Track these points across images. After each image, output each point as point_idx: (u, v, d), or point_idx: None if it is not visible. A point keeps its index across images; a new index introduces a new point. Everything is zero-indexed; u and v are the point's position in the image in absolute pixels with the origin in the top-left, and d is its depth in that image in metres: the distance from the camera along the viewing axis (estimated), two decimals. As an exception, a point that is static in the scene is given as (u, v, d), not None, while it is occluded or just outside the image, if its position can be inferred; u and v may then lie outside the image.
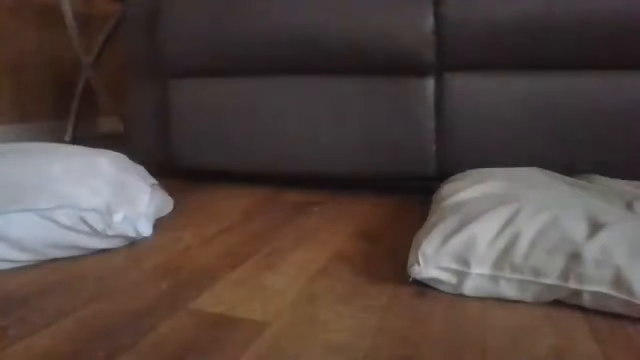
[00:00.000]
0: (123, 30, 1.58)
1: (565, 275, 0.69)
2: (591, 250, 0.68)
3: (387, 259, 0.89)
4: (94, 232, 0.87)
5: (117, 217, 0.89)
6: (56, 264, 0.85)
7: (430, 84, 1.28)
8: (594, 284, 0.67)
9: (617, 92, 1.18)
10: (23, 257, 0.83)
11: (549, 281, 0.69)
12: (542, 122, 1.22)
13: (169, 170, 1.55)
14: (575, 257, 0.69)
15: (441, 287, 0.75)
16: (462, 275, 0.73)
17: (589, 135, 1.20)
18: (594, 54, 1.17)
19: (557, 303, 0.71)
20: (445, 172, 1.27)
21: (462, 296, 0.73)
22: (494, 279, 0.72)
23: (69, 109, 2.46)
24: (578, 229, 0.72)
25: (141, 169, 1.13)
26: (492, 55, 1.21)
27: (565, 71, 1.21)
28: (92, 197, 0.89)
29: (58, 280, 0.78)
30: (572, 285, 0.68)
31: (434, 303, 0.71)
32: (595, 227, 0.72)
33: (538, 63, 1.21)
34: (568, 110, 1.20)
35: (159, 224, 1.06)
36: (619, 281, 0.66)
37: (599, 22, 1.13)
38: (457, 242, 0.74)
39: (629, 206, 0.88)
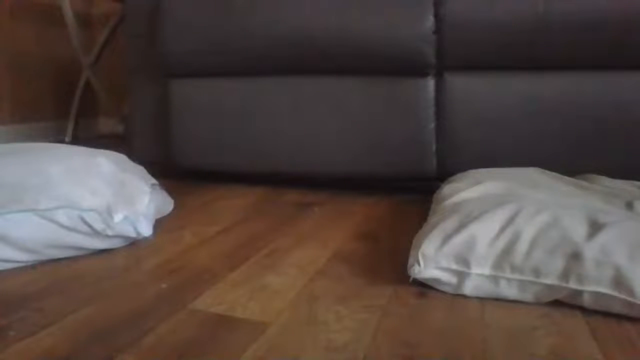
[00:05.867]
0: (123, 30, 1.58)
1: (565, 275, 0.69)
2: (591, 250, 0.68)
3: (387, 259, 0.88)
4: (94, 232, 0.87)
5: (117, 217, 0.89)
6: (56, 264, 0.85)
7: (430, 84, 1.28)
8: (594, 284, 0.67)
9: (617, 92, 1.18)
10: (23, 257, 0.83)
11: (549, 281, 0.69)
12: (542, 122, 1.22)
13: (169, 170, 1.55)
14: (575, 257, 0.69)
15: (441, 287, 0.75)
16: (462, 275, 0.73)
17: (588, 135, 1.20)
18: (594, 54, 1.17)
19: (557, 303, 0.71)
20: (445, 172, 1.27)
21: (462, 296, 0.73)
22: (494, 279, 0.72)
23: (69, 109, 2.46)
24: (578, 229, 0.72)
25: (141, 169, 1.13)
26: (492, 55, 1.21)
27: (565, 71, 1.21)
28: (92, 197, 0.89)
29: (58, 280, 0.78)
30: (572, 285, 0.68)
31: (434, 303, 0.71)
32: (595, 227, 0.72)
33: (538, 63, 1.21)
34: (568, 110, 1.20)
35: (159, 224, 1.06)
36: (619, 281, 0.66)
37: (599, 22, 1.13)
38: (457, 242, 0.74)
39: (629, 206, 0.88)
